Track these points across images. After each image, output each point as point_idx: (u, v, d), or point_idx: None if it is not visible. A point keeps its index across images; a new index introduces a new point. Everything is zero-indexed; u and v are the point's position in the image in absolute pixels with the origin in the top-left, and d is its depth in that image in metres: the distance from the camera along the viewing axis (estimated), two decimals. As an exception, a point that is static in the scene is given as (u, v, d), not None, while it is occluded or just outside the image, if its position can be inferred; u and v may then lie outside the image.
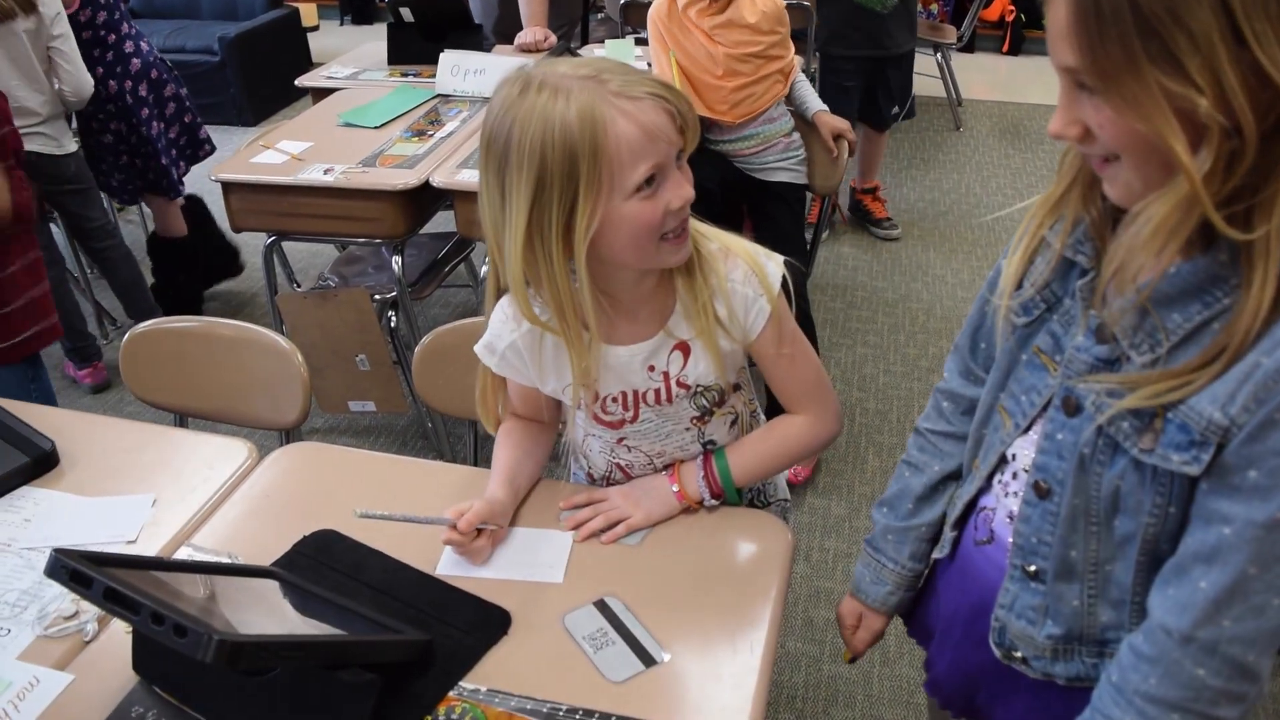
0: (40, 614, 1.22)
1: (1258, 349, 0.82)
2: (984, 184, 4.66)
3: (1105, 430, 0.93)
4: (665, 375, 1.29)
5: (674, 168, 1.13)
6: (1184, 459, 0.87)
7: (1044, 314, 1.02)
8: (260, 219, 2.77)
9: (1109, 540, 0.97)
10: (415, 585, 1.24)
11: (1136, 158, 0.83)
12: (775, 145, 2.78)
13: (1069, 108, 0.84)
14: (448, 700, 1.10)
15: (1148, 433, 0.89)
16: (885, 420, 3.10)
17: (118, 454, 1.52)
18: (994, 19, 6.42)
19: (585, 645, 1.16)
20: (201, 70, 5.69)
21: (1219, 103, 0.75)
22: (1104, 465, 0.94)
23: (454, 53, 3.27)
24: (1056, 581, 1.02)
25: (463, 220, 2.75)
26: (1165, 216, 0.80)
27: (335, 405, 2.92)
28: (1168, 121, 0.76)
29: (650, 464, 1.38)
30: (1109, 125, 0.81)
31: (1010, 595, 1.07)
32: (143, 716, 1.08)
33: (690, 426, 1.34)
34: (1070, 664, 1.06)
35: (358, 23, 7.77)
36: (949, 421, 1.23)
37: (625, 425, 1.34)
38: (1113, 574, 0.99)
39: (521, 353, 1.29)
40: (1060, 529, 1.00)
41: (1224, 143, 0.76)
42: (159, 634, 0.90)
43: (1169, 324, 0.87)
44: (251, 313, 3.79)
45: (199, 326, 1.92)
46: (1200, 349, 0.85)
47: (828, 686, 2.22)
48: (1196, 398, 0.85)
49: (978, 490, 1.14)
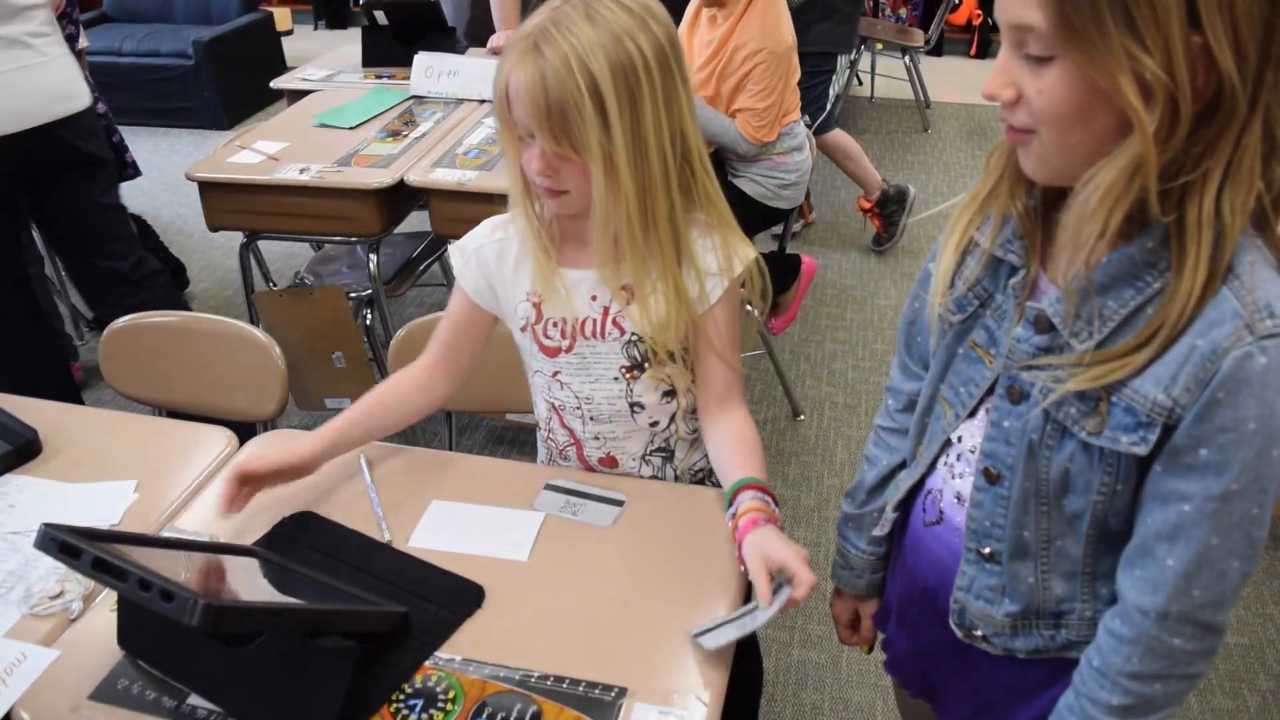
0: (26, 594, 1.25)
1: (1192, 331, 0.86)
2: (951, 184, 4.74)
3: (1053, 416, 0.96)
4: (605, 310, 1.35)
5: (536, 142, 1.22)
6: (1132, 440, 0.91)
7: (977, 310, 1.06)
8: (236, 218, 2.79)
9: (1059, 519, 1.02)
10: (392, 562, 1.29)
11: (1059, 129, 0.86)
12: (761, 160, 2.84)
13: (1007, 69, 0.87)
14: (424, 669, 1.14)
15: (1094, 416, 0.93)
16: (854, 413, 3.16)
17: (100, 443, 1.55)
18: (961, 23, 6.51)
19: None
20: (175, 74, 5.70)
21: (1164, 68, 0.79)
22: (1053, 449, 0.98)
23: (428, 55, 3.31)
24: (1011, 561, 1.07)
25: (437, 219, 2.78)
26: (1112, 183, 0.83)
27: (312, 403, 2.95)
28: (1128, 79, 0.79)
29: (579, 408, 1.42)
30: (1049, 91, 0.84)
31: (967, 578, 1.12)
32: (128, 689, 1.12)
33: (619, 377, 1.39)
34: (1029, 638, 1.10)
35: (331, 27, 7.78)
36: (893, 418, 1.29)
37: (560, 355, 1.39)
38: (1064, 549, 1.03)
39: (487, 259, 1.40)
40: (1012, 512, 1.04)
41: (1165, 111, 0.80)
42: (146, 600, 0.93)
43: (1105, 310, 0.91)
44: (228, 312, 3.75)
45: (178, 321, 1.96)
46: (1135, 331, 0.89)
47: (797, 670, 2.27)
48: (1140, 380, 0.89)
49: (922, 475, 1.19)
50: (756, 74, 2.69)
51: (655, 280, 1.30)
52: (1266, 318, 0.84)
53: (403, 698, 1.10)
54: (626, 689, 1.11)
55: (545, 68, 1.15)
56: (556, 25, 1.17)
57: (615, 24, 1.17)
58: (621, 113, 1.17)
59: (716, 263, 1.32)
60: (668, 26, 1.22)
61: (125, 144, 3.73)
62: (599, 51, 1.15)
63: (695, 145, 1.26)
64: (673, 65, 1.21)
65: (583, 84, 1.15)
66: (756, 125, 2.76)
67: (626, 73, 1.17)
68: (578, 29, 1.16)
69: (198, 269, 4.12)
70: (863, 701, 2.20)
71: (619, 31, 1.17)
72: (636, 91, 1.18)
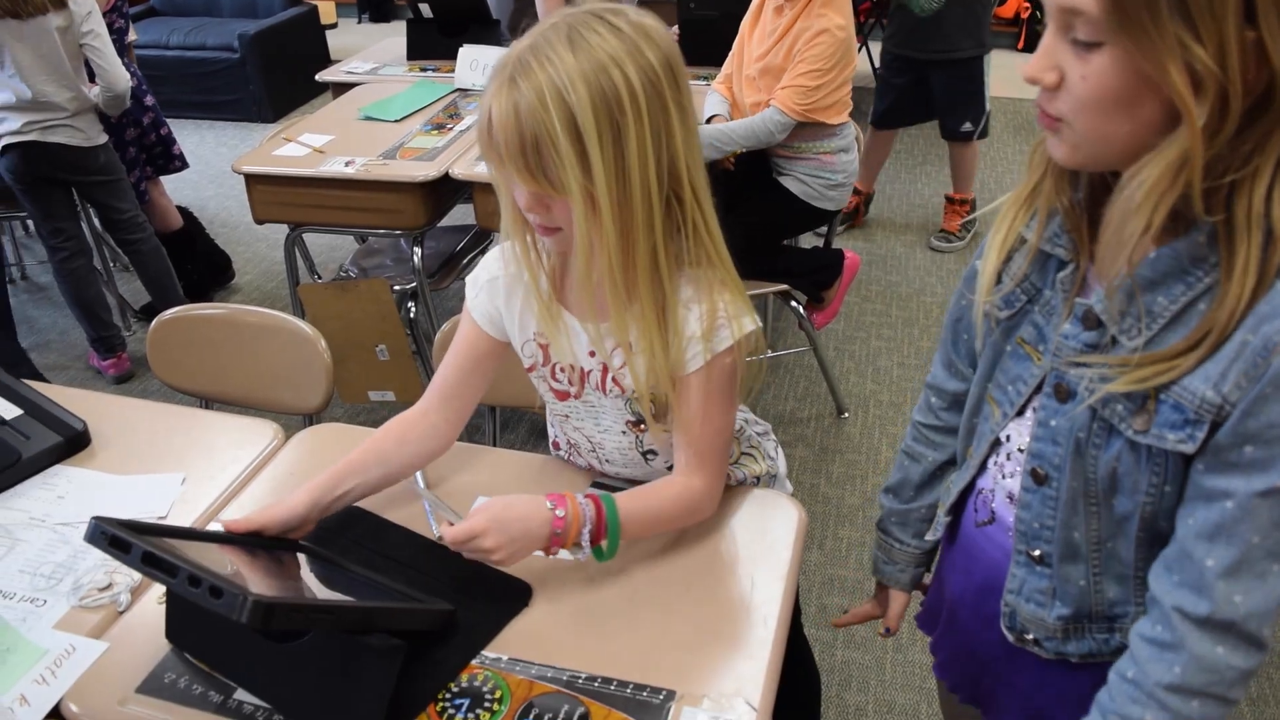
0: (75, 585, 1.26)
1: (1244, 327, 0.84)
2: (999, 180, 4.67)
3: (1100, 414, 0.94)
4: (604, 367, 1.28)
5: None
6: (1179, 437, 0.89)
7: (1025, 306, 1.04)
8: (282, 210, 2.81)
9: (1109, 520, 0.99)
10: (439, 559, 1.28)
11: (1098, 117, 0.84)
12: (806, 158, 2.81)
13: (1051, 53, 0.85)
14: (470, 668, 1.13)
15: (1141, 414, 0.91)
16: (899, 412, 3.12)
17: (148, 435, 1.56)
18: (1009, 16, 6.42)
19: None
20: (221, 67, 5.76)
21: (1216, 60, 0.77)
22: (1100, 448, 0.96)
23: (472, 48, 3.31)
24: (1062, 564, 1.04)
25: (481, 212, 2.78)
26: (1158, 179, 0.81)
27: (355, 395, 2.96)
28: (1178, 69, 0.77)
29: (593, 451, 1.39)
30: (1093, 77, 0.82)
31: (1018, 580, 1.10)
32: (175, 682, 1.12)
33: (627, 430, 1.33)
34: (1082, 642, 1.08)
35: (375, 20, 7.82)
36: (936, 416, 1.27)
37: (570, 399, 1.34)
38: (1115, 551, 1.01)
39: (499, 292, 1.32)
40: (1061, 513, 1.02)
41: (1214, 105, 0.78)
42: (195, 596, 0.93)
43: (1154, 307, 0.89)
44: (272, 305, 3.79)
45: (225, 313, 1.96)
46: (1187, 330, 0.87)
47: (841, 671, 2.25)
48: (1189, 377, 0.87)
49: (973, 476, 1.16)
50: (813, 53, 2.63)
51: (638, 337, 1.20)
52: None
53: (449, 697, 1.09)
54: (675, 691, 1.09)
55: (519, 100, 1.06)
56: (536, 54, 1.08)
57: (601, 50, 1.07)
58: (603, 148, 1.07)
59: (700, 328, 1.20)
60: (665, 49, 1.11)
61: (173, 136, 3.77)
62: (578, 82, 1.05)
63: (689, 179, 1.15)
64: (666, 92, 1.10)
65: (558, 118, 1.05)
66: (798, 101, 2.65)
67: (610, 104, 1.06)
68: (557, 58, 1.06)
69: (243, 261, 4.15)
70: (907, 704, 2.17)
71: (604, 59, 1.06)
72: (620, 124, 1.07)
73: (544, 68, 1.06)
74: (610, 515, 1.20)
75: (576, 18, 1.10)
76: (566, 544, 1.18)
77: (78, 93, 3.06)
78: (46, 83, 2.98)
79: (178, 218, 3.80)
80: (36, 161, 3.07)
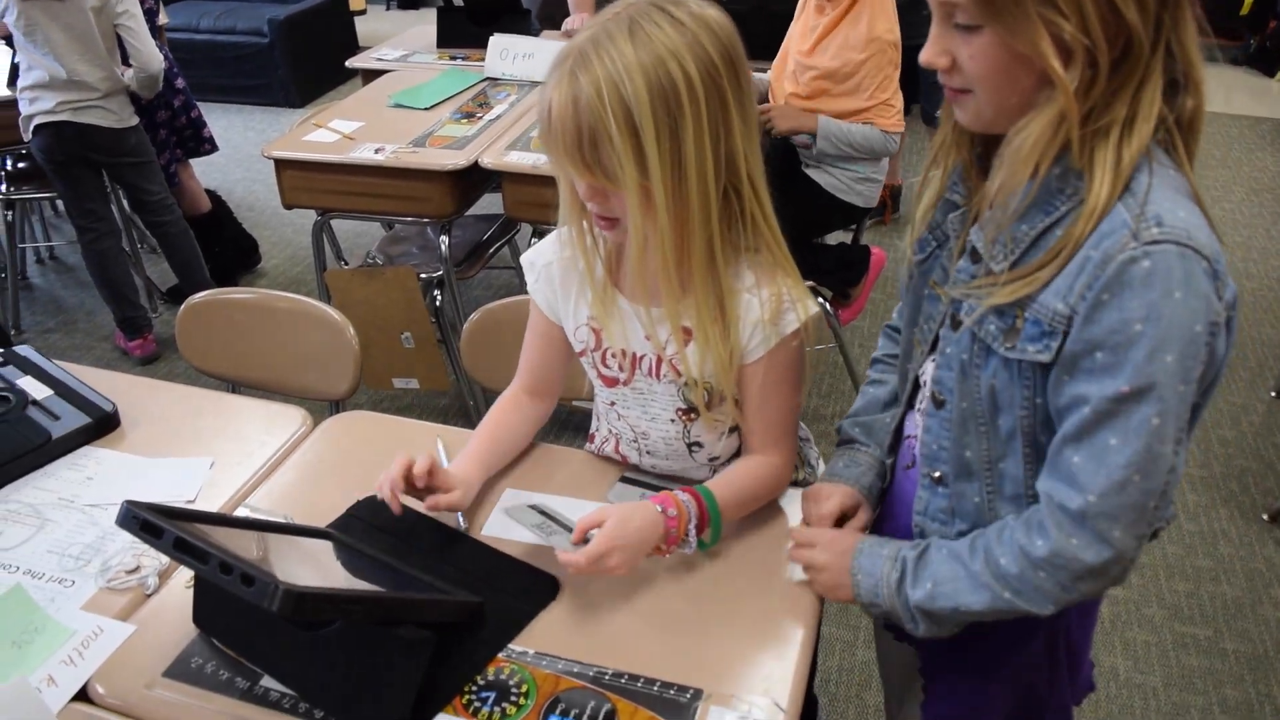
0: (103, 567, 1.26)
1: (1088, 244, 0.93)
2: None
3: (978, 335, 1.03)
4: (659, 351, 1.28)
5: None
6: (1037, 349, 0.97)
7: (935, 251, 1.14)
8: (311, 196, 2.81)
9: (996, 438, 1.06)
10: (467, 551, 1.27)
11: (991, 88, 0.95)
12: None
13: (940, 40, 0.97)
14: (497, 661, 1.12)
15: (1011, 333, 1.00)
16: (924, 412, 3.09)
17: (176, 418, 1.56)
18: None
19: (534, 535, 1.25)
20: (250, 51, 5.78)
21: (1081, 30, 0.87)
22: (980, 368, 1.04)
23: (503, 37, 3.30)
24: (957, 482, 1.12)
25: (510, 202, 2.78)
26: (1040, 133, 0.92)
27: (379, 381, 2.96)
28: (1046, 44, 0.88)
29: (635, 442, 1.39)
30: (978, 56, 0.93)
31: (923, 502, 1.17)
32: (202, 667, 1.12)
33: (675, 419, 1.33)
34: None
35: (404, 7, 7.83)
36: (893, 346, 1.33)
37: (619, 385, 1.34)
38: (1006, 470, 1.08)
39: (554, 276, 1.33)
40: (953, 432, 1.10)
41: (1084, 67, 0.89)
42: (226, 583, 0.92)
43: (1017, 234, 0.99)
44: (298, 289, 3.82)
45: (253, 298, 1.96)
46: (1042, 251, 0.96)
47: (861, 671, 2.24)
48: (1045, 293, 0.96)
49: (902, 415, 1.25)
50: (872, 66, 2.64)
51: (696, 324, 1.22)
52: (1153, 226, 0.89)
53: (475, 689, 1.09)
54: (703, 690, 1.08)
55: (579, 94, 1.07)
56: (596, 46, 1.07)
57: (660, 43, 1.06)
58: (659, 143, 1.07)
59: (765, 313, 1.22)
60: (725, 41, 1.11)
61: (204, 119, 3.78)
62: (636, 76, 1.05)
63: (747, 172, 1.15)
64: (725, 85, 1.10)
65: (613, 113, 1.05)
66: (891, 117, 2.73)
67: (668, 99, 1.06)
68: (616, 51, 1.06)
69: (270, 245, 4.17)
70: (928, 706, 2.15)
71: (662, 53, 1.06)
72: (677, 119, 1.07)
73: (603, 61, 1.06)
74: (710, 506, 1.23)
75: (638, 8, 1.10)
76: (677, 541, 1.21)
77: (110, 73, 3.07)
78: (80, 62, 2.99)
79: (206, 201, 3.82)
80: (68, 141, 3.08)
